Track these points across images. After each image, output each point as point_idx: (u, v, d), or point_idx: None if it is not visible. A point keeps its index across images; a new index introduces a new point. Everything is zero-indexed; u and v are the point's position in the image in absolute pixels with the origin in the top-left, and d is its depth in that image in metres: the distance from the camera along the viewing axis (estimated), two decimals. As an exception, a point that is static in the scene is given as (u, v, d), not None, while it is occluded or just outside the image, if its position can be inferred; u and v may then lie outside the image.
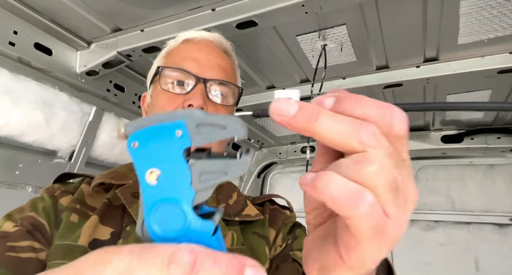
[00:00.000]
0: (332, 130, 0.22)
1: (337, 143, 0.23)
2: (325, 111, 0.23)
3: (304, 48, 1.05)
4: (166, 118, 0.24)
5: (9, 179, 0.93)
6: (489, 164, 1.78)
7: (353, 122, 0.23)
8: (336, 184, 0.22)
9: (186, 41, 0.67)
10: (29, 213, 0.54)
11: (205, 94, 0.60)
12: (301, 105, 0.23)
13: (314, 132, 0.23)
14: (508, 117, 1.46)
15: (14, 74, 0.89)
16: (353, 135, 0.22)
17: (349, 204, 0.21)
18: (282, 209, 0.71)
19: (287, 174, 2.23)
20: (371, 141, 0.22)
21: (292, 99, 0.24)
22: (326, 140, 0.23)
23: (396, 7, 0.85)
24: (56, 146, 1.04)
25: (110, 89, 1.15)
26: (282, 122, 0.24)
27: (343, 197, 0.21)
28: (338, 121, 0.23)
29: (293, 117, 0.23)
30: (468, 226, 1.76)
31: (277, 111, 0.24)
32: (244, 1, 0.81)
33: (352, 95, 0.24)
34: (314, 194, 0.23)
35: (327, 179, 0.22)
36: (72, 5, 0.86)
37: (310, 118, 0.23)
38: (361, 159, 0.22)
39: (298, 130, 0.24)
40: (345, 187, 0.21)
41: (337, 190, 0.21)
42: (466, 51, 1.01)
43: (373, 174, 0.22)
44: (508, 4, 0.81)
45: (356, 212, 0.21)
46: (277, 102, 0.24)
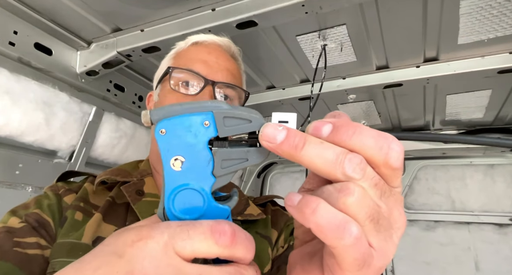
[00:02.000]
0: (316, 160, 0.23)
1: (321, 172, 0.23)
2: (312, 140, 0.23)
3: (304, 48, 1.05)
4: (195, 109, 0.25)
5: (9, 179, 0.93)
6: (489, 164, 1.78)
7: (339, 152, 0.23)
8: (323, 212, 0.22)
9: (196, 43, 0.68)
10: (34, 210, 0.54)
11: (213, 96, 0.61)
12: (289, 133, 0.24)
13: (300, 161, 0.23)
14: (508, 117, 1.46)
15: (14, 74, 0.89)
16: (337, 166, 0.22)
17: (334, 234, 0.21)
18: (284, 210, 0.72)
19: (287, 174, 2.23)
20: (356, 172, 0.22)
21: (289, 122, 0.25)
22: (311, 168, 0.23)
23: (396, 7, 0.85)
24: (56, 146, 1.04)
25: (110, 89, 1.15)
26: (269, 148, 0.24)
27: (329, 226, 0.21)
28: (323, 151, 0.23)
29: (279, 144, 0.24)
30: (468, 226, 1.76)
31: (265, 137, 0.24)
32: (244, 1, 0.81)
33: (350, 124, 0.24)
34: (299, 219, 0.23)
35: (314, 206, 0.22)
36: (72, 5, 0.86)
37: (295, 147, 0.23)
38: (344, 188, 0.22)
39: (285, 156, 0.24)
40: (331, 216, 0.21)
41: (323, 219, 0.21)
42: (466, 51, 1.01)
43: (354, 204, 0.22)
44: (508, 4, 0.81)
45: (341, 243, 0.21)
46: (266, 128, 0.24)
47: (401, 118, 1.58)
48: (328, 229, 0.21)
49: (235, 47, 0.70)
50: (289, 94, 1.30)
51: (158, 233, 0.24)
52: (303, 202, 0.22)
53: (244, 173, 2.05)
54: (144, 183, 0.61)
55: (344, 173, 0.22)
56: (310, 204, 0.22)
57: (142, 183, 0.61)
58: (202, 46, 0.67)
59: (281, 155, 0.24)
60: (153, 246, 0.23)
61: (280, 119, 0.25)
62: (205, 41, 0.67)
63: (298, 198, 0.23)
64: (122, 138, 1.24)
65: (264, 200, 0.73)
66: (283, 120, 0.25)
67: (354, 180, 0.22)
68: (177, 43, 0.71)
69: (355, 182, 0.22)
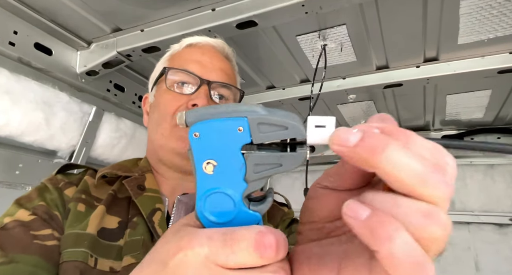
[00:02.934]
0: (399, 168, 0.19)
1: (405, 184, 0.19)
2: (395, 143, 0.19)
3: (304, 48, 1.05)
4: (229, 113, 0.24)
5: (9, 179, 0.93)
6: (489, 164, 1.78)
7: (429, 162, 0.19)
8: (403, 243, 0.18)
9: (190, 45, 0.69)
10: (40, 202, 0.54)
11: (209, 95, 0.62)
12: (365, 134, 0.20)
13: (378, 166, 0.19)
14: (508, 117, 1.46)
15: (14, 74, 0.89)
16: (430, 179, 0.19)
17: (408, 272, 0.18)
18: (280, 206, 0.72)
19: (287, 173, 2.23)
20: (447, 193, 0.19)
21: (327, 127, 0.23)
22: (392, 177, 0.19)
23: (396, 7, 0.85)
24: (56, 146, 1.04)
25: (110, 89, 1.15)
26: (339, 152, 0.21)
27: (406, 261, 0.18)
28: (412, 157, 0.19)
29: (353, 147, 0.20)
30: (468, 226, 1.76)
31: (336, 140, 0.21)
32: (244, 1, 0.81)
33: (401, 131, 0.21)
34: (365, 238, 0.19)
35: (392, 232, 0.18)
36: (72, 5, 0.86)
37: (374, 150, 0.19)
38: (433, 215, 0.19)
39: (359, 163, 0.20)
40: (411, 251, 0.18)
41: (402, 251, 0.18)
42: (466, 51, 1.01)
43: (439, 239, 0.19)
44: (508, 4, 0.81)
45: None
46: (338, 130, 0.21)
47: (401, 118, 1.58)
48: (403, 263, 0.18)
49: (228, 48, 0.71)
50: (289, 94, 1.30)
51: (198, 245, 0.23)
52: (376, 220, 0.19)
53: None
54: (145, 179, 0.61)
55: (436, 192, 0.19)
56: (386, 227, 0.18)
57: (143, 178, 0.61)
58: (196, 48, 0.68)
59: (354, 161, 0.21)
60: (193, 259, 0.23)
61: (317, 124, 0.23)
62: (199, 42, 0.68)
63: (365, 211, 0.20)
64: (122, 138, 1.24)
65: None
66: (320, 125, 0.23)
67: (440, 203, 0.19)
68: (171, 46, 0.72)
69: (442, 207, 0.19)
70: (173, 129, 0.61)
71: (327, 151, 1.88)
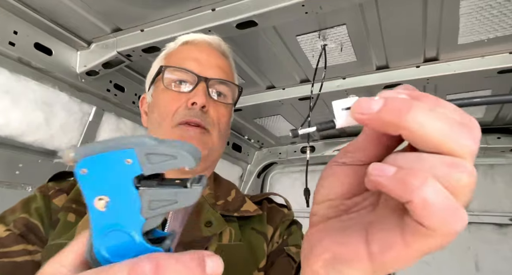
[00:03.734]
0: (428, 126, 0.19)
1: (432, 141, 0.19)
2: (419, 104, 0.20)
3: (304, 48, 1.05)
4: (116, 146, 0.23)
5: (9, 179, 0.93)
6: (489, 164, 1.78)
7: (454, 121, 0.20)
8: (435, 189, 0.19)
9: (186, 43, 0.68)
10: (21, 215, 0.54)
11: (207, 92, 0.62)
12: (388, 100, 0.21)
13: (405, 126, 0.20)
14: (508, 117, 1.46)
15: (14, 74, 0.89)
16: (456, 136, 0.19)
17: (444, 218, 0.18)
18: (279, 207, 0.72)
19: (287, 174, 2.23)
20: (473, 149, 0.19)
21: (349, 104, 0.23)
22: (420, 135, 0.20)
23: (396, 7, 0.85)
24: (56, 146, 1.04)
25: (110, 89, 1.15)
26: (364, 121, 0.21)
27: (440, 207, 0.18)
28: (437, 117, 0.19)
29: (377, 112, 0.21)
30: (468, 226, 1.76)
31: (357, 109, 0.21)
32: (244, 1, 0.81)
33: (429, 96, 0.21)
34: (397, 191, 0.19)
35: (423, 179, 0.19)
36: (72, 5, 0.86)
37: (399, 111, 0.20)
38: (458, 164, 0.19)
39: (384, 127, 0.21)
40: (444, 197, 0.19)
41: (435, 197, 0.18)
42: (466, 51, 1.01)
43: (466, 186, 0.19)
44: (508, 4, 0.81)
45: (447, 228, 0.19)
46: (359, 100, 0.22)
47: (401, 118, 1.58)
48: (437, 209, 0.18)
49: (225, 45, 0.71)
50: (289, 94, 1.30)
51: None
52: (406, 172, 0.19)
53: (244, 173, 2.05)
54: None
55: (463, 146, 0.19)
56: (417, 176, 0.19)
57: None
58: (192, 45, 0.67)
59: (379, 126, 0.21)
60: None
61: (343, 107, 0.23)
62: (195, 40, 0.68)
63: (392, 169, 0.20)
64: (122, 138, 1.24)
65: (260, 198, 0.74)
66: (347, 107, 0.23)
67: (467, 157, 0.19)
68: (167, 45, 0.71)
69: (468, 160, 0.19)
70: (174, 129, 0.60)
71: (327, 151, 1.88)
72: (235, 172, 1.96)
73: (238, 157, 1.90)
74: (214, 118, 0.63)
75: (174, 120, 0.61)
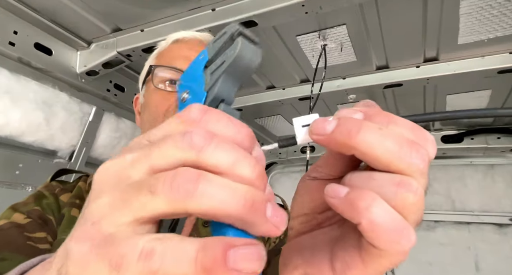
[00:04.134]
0: (376, 147, 0.20)
1: (381, 161, 0.20)
2: (369, 125, 0.20)
3: (304, 48, 1.05)
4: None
5: (9, 179, 0.93)
6: (489, 164, 1.78)
7: (403, 140, 0.20)
8: (381, 210, 0.19)
9: (177, 41, 0.67)
10: (35, 207, 0.54)
11: None
12: (340, 121, 0.21)
13: (355, 147, 0.20)
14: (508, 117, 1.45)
15: (14, 74, 0.89)
16: (403, 155, 0.20)
17: (390, 238, 0.19)
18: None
19: (287, 174, 2.23)
20: (421, 167, 0.20)
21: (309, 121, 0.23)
22: (369, 157, 0.20)
23: (396, 7, 0.85)
24: (56, 146, 1.04)
25: (110, 89, 1.15)
26: (320, 141, 0.22)
27: (386, 227, 0.19)
28: (385, 137, 0.20)
29: (330, 134, 0.21)
30: (468, 226, 1.76)
31: (315, 131, 0.22)
32: (244, 1, 0.81)
33: (383, 113, 0.22)
34: (346, 213, 0.20)
35: (370, 201, 0.19)
36: (72, 5, 0.85)
37: (349, 133, 0.20)
38: (405, 183, 0.19)
39: (338, 148, 0.21)
40: (390, 216, 0.19)
41: (381, 218, 0.19)
42: (466, 51, 1.01)
43: (413, 205, 0.19)
44: (508, 4, 0.81)
45: (394, 247, 0.19)
46: (315, 122, 0.22)
47: (401, 118, 1.57)
48: (384, 230, 0.19)
49: None
50: (289, 94, 1.30)
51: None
52: (355, 194, 0.20)
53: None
54: None
55: (410, 165, 0.19)
56: (364, 198, 0.19)
57: None
58: (183, 43, 0.66)
59: (334, 147, 0.22)
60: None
61: (303, 124, 0.24)
62: (185, 37, 0.67)
63: (344, 189, 0.20)
64: (122, 138, 1.24)
65: None
66: (306, 124, 0.24)
67: (414, 175, 0.20)
68: (159, 43, 0.70)
69: (416, 178, 0.20)
70: None
71: (327, 151, 1.88)
72: (235, 172, 1.96)
73: (238, 157, 1.90)
74: None
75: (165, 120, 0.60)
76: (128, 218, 0.17)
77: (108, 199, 0.18)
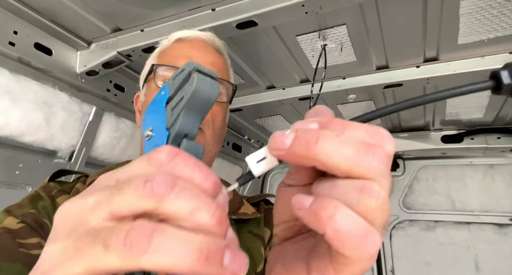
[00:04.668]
0: (335, 156, 0.20)
1: (341, 169, 0.20)
2: (326, 133, 0.20)
3: (304, 48, 1.05)
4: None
5: (9, 179, 0.93)
6: (489, 164, 1.78)
7: (360, 145, 0.20)
8: (344, 218, 0.19)
9: (179, 40, 0.66)
10: (30, 210, 0.53)
11: None
12: (298, 133, 0.21)
13: (315, 158, 0.20)
14: (508, 117, 1.46)
15: (14, 74, 0.89)
16: (361, 160, 0.20)
17: (354, 244, 0.19)
18: None
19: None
20: (380, 168, 0.20)
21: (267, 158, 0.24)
22: (330, 167, 0.20)
23: (396, 7, 0.85)
24: (56, 146, 1.04)
25: (110, 89, 1.15)
26: (280, 156, 0.22)
27: (349, 234, 0.19)
28: (342, 144, 0.20)
29: (289, 147, 0.21)
30: (468, 226, 1.76)
31: (274, 146, 0.22)
32: (244, 1, 0.81)
33: (336, 120, 0.22)
34: (312, 224, 0.20)
35: (332, 210, 0.19)
36: (72, 5, 0.85)
37: (307, 144, 0.20)
38: (366, 188, 0.20)
39: (298, 161, 0.21)
40: (353, 223, 0.19)
41: (344, 226, 0.19)
42: (466, 51, 1.01)
43: (376, 209, 0.19)
44: (508, 4, 0.81)
45: (360, 253, 0.19)
46: (272, 137, 0.22)
47: (401, 118, 1.58)
48: (348, 237, 0.19)
49: (219, 41, 0.69)
50: (289, 94, 1.30)
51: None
52: (318, 204, 0.20)
53: (243, 173, 2.06)
54: None
55: (369, 169, 0.20)
56: (327, 207, 0.19)
57: None
58: (186, 42, 0.66)
59: (295, 161, 0.22)
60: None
61: (257, 160, 0.24)
62: (188, 36, 0.66)
63: (309, 200, 0.21)
64: (122, 138, 1.24)
65: (258, 199, 0.73)
66: (260, 159, 0.24)
67: (375, 178, 0.20)
68: (161, 42, 0.70)
69: (377, 180, 0.20)
70: None
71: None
72: (235, 172, 1.96)
73: (238, 157, 1.90)
74: (208, 117, 0.62)
75: None
76: (80, 269, 0.17)
77: (62, 246, 0.18)
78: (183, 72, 0.26)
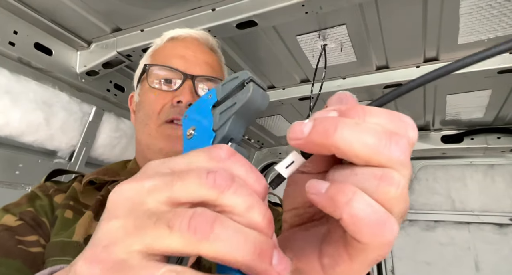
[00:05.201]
0: (355, 143, 0.19)
1: (360, 157, 0.20)
2: (346, 121, 0.20)
3: (304, 48, 1.05)
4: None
5: (9, 179, 0.93)
6: (489, 164, 1.78)
7: (381, 133, 0.20)
8: (362, 204, 0.19)
9: (172, 39, 0.66)
10: (28, 208, 0.53)
11: (194, 90, 0.60)
12: (316, 121, 0.21)
13: (334, 146, 0.20)
14: (508, 117, 1.46)
15: (14, 74, 0.89)
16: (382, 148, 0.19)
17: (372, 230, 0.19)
18: (274, 206, 0.72)
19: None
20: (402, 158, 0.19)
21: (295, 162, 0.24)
22: (350, 154, 0.20)
23: (396, 7, 0.85)
24: (56, 146, 1.04)
25: (110, 89, 1.15)
26: (298, 145, 0.22)
27: (367, 221, 0.19)
28: (363, 132, 0.20)
29: (308, 136, 0.21)
30: (468, 226, 1.76)
31: (292, 135, 0.22)
32: (244, 1, 0.81)
33: (358, 106, 0.22)
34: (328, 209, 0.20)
35: (350, 195, 0.19)
36: (72, 5, 0.85)
37: (326, 132, 0.20)
38: (386, 176, 0.19)
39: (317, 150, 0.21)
40: (371, 209, 0.19)
41: (362, 212, 0.19)
42: (466, 51, 1.01)
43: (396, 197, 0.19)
44: (508, 4, 0.81)
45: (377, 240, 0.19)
46: (291, 127, 0.22)
47: (401, 118, 1.57)
48: (365, 223, 0.19)
49: (213, 39, 0.69)
50: (289, 94, 1.30)
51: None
52: (335, 189, 0.20)
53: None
54: None
55: (391, 158, 0.19)
56: (345, 192, 0.19)
57: None
58: (178, 41, 0.65)
59: (314, 150, 0.21)
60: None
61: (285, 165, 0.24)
62: (180, 35, 0.66)
63: (324, 185, 0.20)
64: (122, 138, 1.24)
65: None
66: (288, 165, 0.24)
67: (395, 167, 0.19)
68: (154, 41, 0.70)
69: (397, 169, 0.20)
70: (160, 128, 0.59)
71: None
72: (235, 172, 1.96)
73: (238, 157, 1.90)
74: None
75: (160, 119, 0.59)
76: (140, 246, 0.17)
77: (121, 223, 0.18)
78: (236, 79, 0.27)
